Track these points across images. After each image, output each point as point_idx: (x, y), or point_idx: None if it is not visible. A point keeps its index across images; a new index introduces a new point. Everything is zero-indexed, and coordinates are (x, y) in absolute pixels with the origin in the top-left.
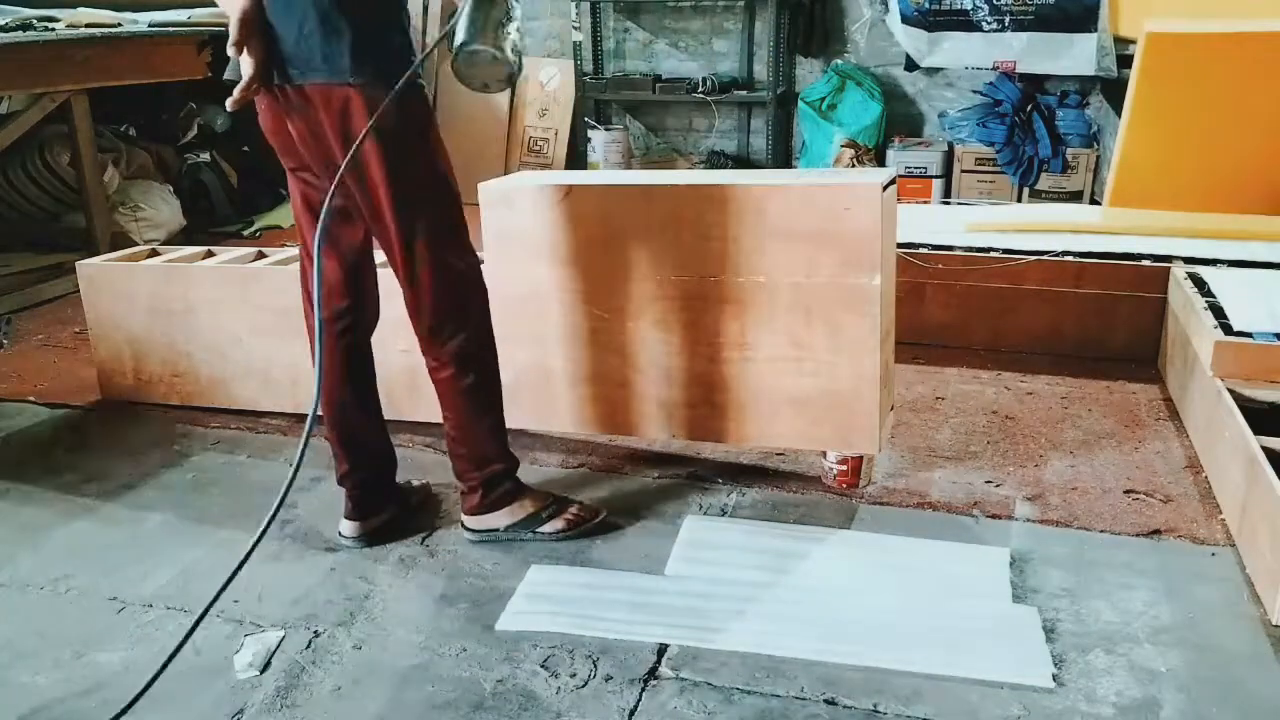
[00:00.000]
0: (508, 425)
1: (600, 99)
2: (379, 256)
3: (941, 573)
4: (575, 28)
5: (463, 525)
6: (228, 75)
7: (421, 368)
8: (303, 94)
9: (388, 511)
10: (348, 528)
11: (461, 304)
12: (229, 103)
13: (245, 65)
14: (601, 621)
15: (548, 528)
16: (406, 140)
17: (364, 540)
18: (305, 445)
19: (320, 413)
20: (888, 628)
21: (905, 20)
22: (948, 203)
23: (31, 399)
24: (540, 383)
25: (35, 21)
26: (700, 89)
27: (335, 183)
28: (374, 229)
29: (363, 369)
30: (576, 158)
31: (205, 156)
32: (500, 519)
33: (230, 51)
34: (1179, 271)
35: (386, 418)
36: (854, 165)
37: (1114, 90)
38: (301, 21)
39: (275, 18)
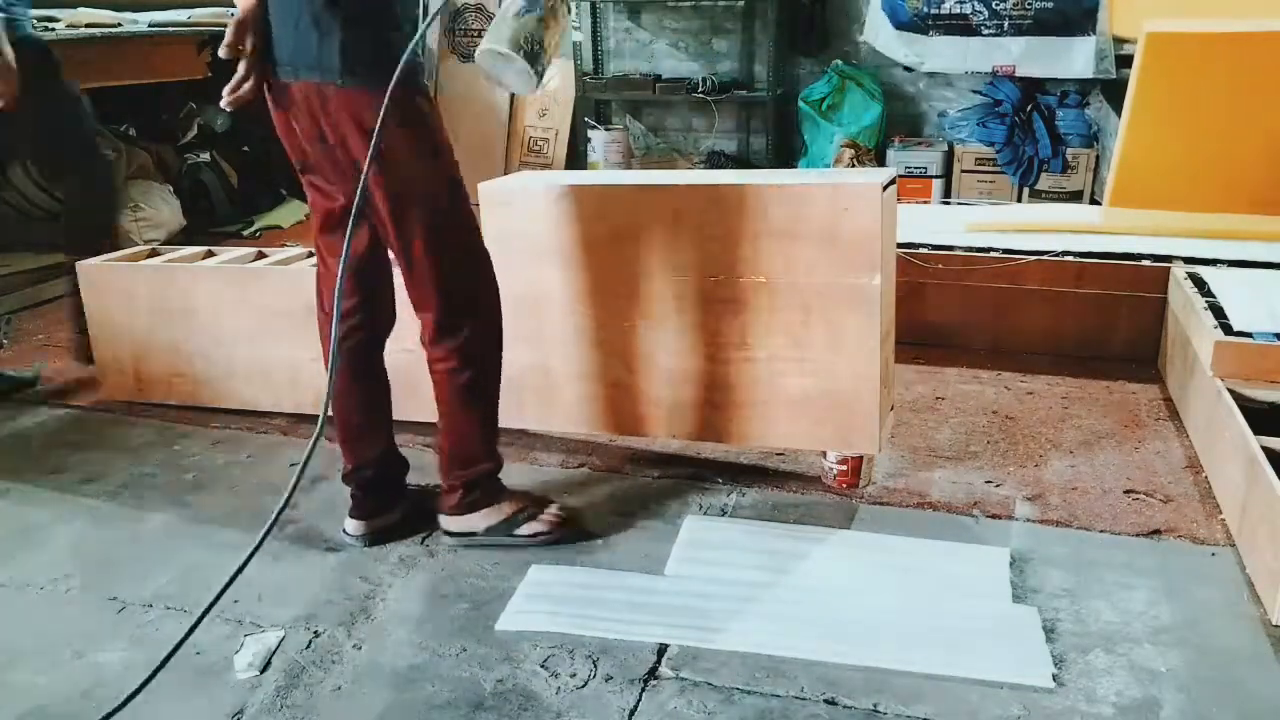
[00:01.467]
0: (509, 425)
1: (600, 99)
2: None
3: (941, 573)
4: (575, 28)
5: (441, 528)
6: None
7: (422, 367)
8: (297, 92)
9: (396, 512)
10: (351, 525)
11: (467, 300)
12: (223, 102)
13: (241, 66)
14: (602, 621)
15: (524, 530)
16: (402, 139)
17: (366, 539)
18: (313, 448)
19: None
20: (888, 627)
21: (900, 26)
22: (948, 203)
23: (32, 399)
24: (540, 383)
25: (35, 21)
26: (700, 89)
27: (360, 187)
28: (376, 227)
29: (370, 370)
30: (576, 158)
31: (205, 156)
32: (478, 521)
33: (222, 52)
34: (1179, 271)
35: None
36: (854, 165)
37: (1114, 90)
38: (297, 19)
39: (273, 16)
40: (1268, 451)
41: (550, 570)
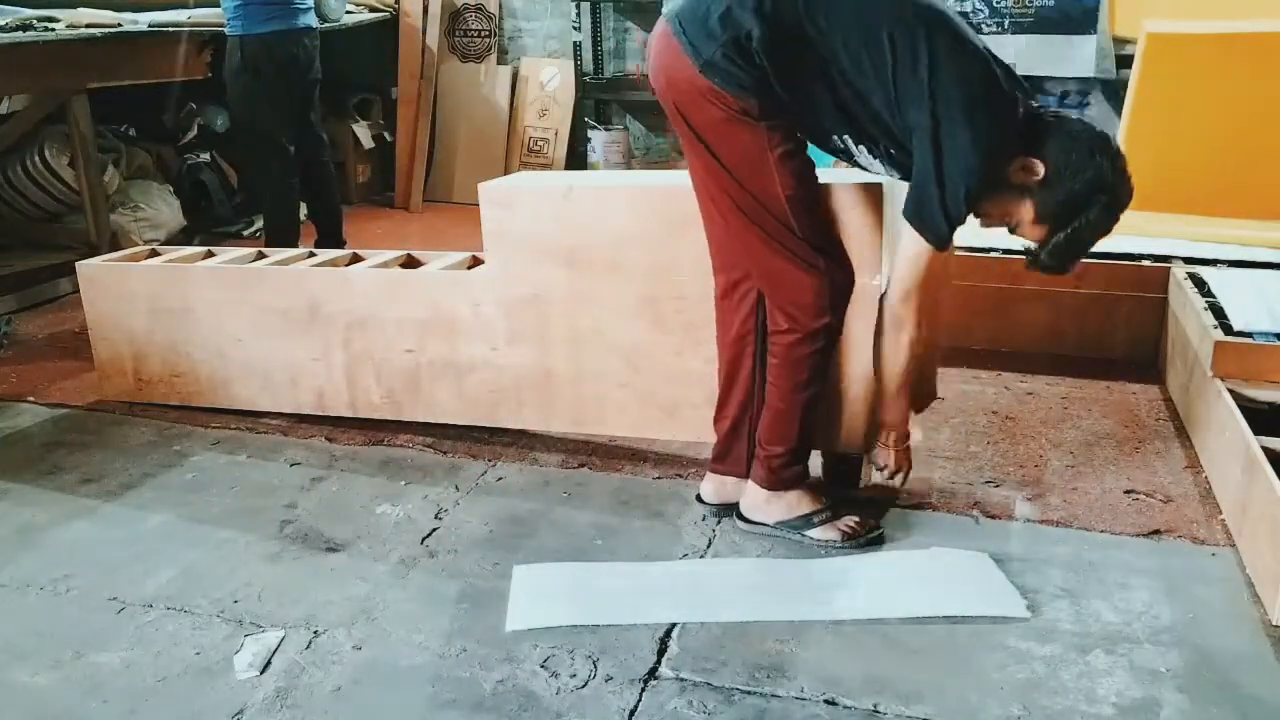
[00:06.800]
0: (509, 425)
1: (600, 99)
2: None
3: (940, 572)
4: (575, 28)
5: (738, 514)
6: None
7: (423, 368)
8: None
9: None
10: (707, 487)
11: (809, 306)
12: None
13: None
14: (606, 608)
15: (816, 533)
16: (738, 160)
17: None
18: None
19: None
20: (884, 623)
21: None
22: None
23: (31, 399)
24: (540, 383)
25: (35, 21)
26: None
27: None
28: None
29: (739, 324)
30: (576, 158)
31: (205, 156)
32: (772, 513)
33: None
34: (1179, 272)
35: (389, 417)
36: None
37: (1114, 90)
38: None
39: None
40: (1268, 451)
41: (552, 566)
